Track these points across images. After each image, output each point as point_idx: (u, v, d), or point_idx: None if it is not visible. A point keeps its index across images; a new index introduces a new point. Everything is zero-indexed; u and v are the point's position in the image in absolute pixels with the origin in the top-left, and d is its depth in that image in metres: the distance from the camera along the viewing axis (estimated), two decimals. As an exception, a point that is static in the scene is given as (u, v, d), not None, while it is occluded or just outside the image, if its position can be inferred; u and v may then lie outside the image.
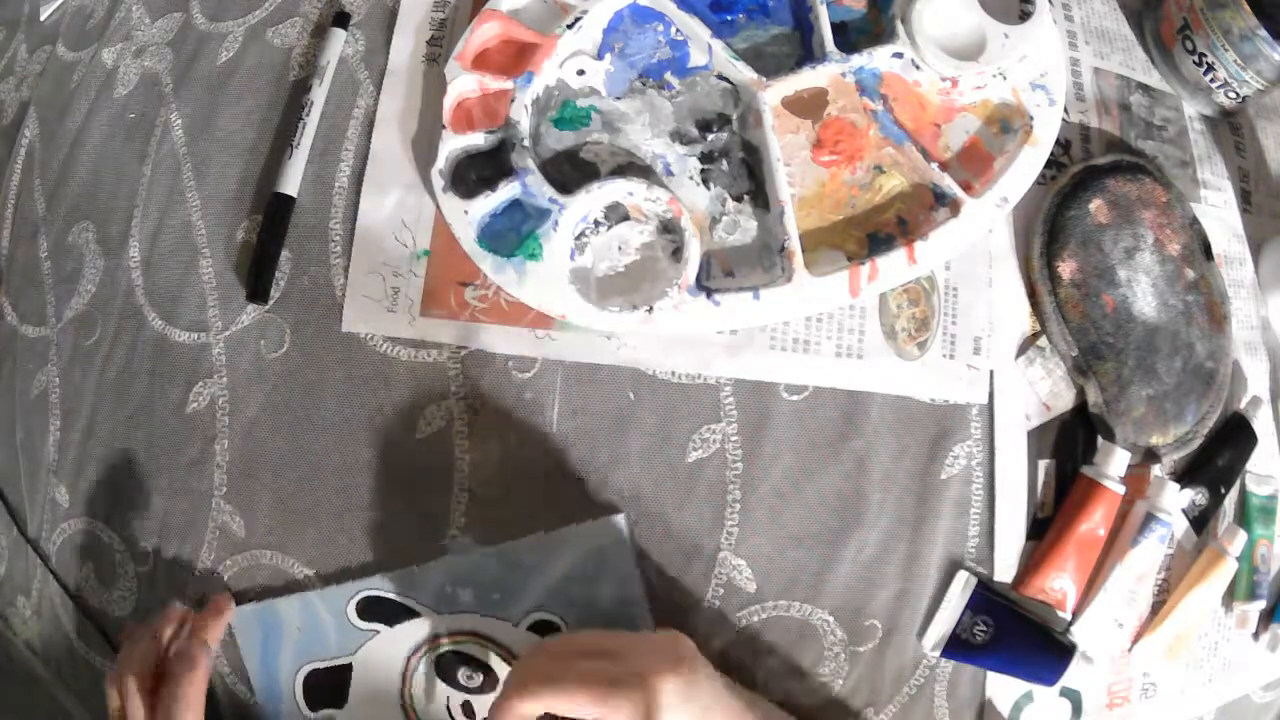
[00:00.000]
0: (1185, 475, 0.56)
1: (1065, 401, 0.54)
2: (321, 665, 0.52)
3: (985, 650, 0.51)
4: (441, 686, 0.52)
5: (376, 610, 0.51)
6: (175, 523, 0.53)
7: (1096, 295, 0.53)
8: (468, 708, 0.52)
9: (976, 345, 0.53)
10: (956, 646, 0.51)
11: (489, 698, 0.50)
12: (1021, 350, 0.54)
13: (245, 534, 0.52)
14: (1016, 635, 0.51)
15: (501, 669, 0.51)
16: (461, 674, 0.51)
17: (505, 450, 0.51)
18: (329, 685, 0.52)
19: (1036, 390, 0.53)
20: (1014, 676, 0.51)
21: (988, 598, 0.51)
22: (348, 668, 0.52)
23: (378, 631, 0.51)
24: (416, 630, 0.51)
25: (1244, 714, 0.58)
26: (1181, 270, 0.55)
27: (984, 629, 0.50)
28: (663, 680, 0.42)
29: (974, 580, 0.51)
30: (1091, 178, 0.54)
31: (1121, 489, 0.51)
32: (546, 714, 0.43)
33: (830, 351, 0.52)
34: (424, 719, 0.52)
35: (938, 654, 0.51)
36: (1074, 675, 0.51)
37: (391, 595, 0.51)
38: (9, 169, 0.62)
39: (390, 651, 0.51)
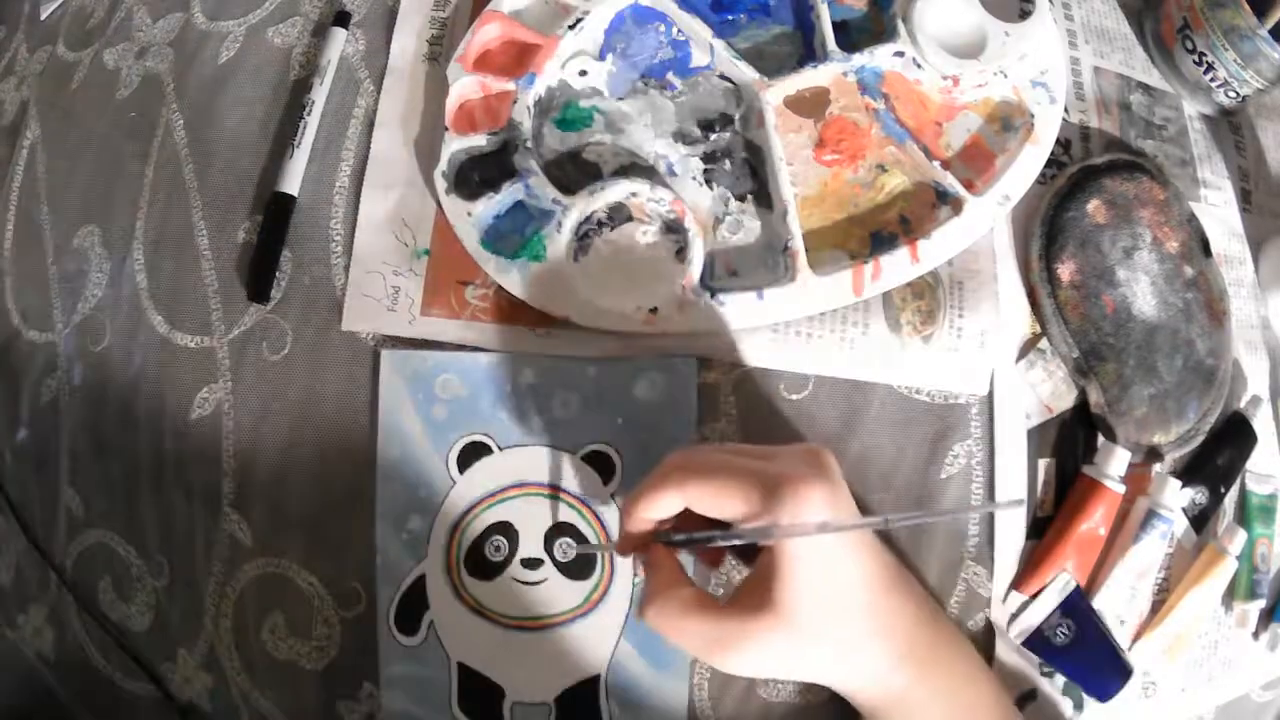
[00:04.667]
0: (1185, 475, 0.56)
1: (1066, 402, 0.54)
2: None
3: (1061, 652, 0.51)
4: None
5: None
6: (187, 532, 0.53)
7: (1096, 296, 0.53)
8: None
9: (983, 340, 0.53)
10: (1037, 640, 0.52)
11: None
12: (1022, 354, 0.54)
13: (251, 542, 0.52)
14: (1092, 647, 0.51)
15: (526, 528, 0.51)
16: (488, 547, 0.51)
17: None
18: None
19: (1038, 393, 0.54)
20: (1076, 682, 0.52)
21: (1080, 605, 0.51)
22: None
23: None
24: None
25: (1244, 713, 0.58)
26: (1180, 268, 0.55)
27: (1065, 632, 0.51)
28: (811, 487, 0.40)
29: (1073, 583, 0.51)
30: (1089, 178, 0.55)
31: (1122, 489, 0.51)
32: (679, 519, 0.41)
33: (834, 342, 0.52)
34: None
35: (1019, 642, 0.52)
36: (1123, 695, 0.52)
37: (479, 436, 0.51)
38: (10, 171, 0.62)
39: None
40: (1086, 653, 0.51)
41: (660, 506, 0.42)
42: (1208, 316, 0.56)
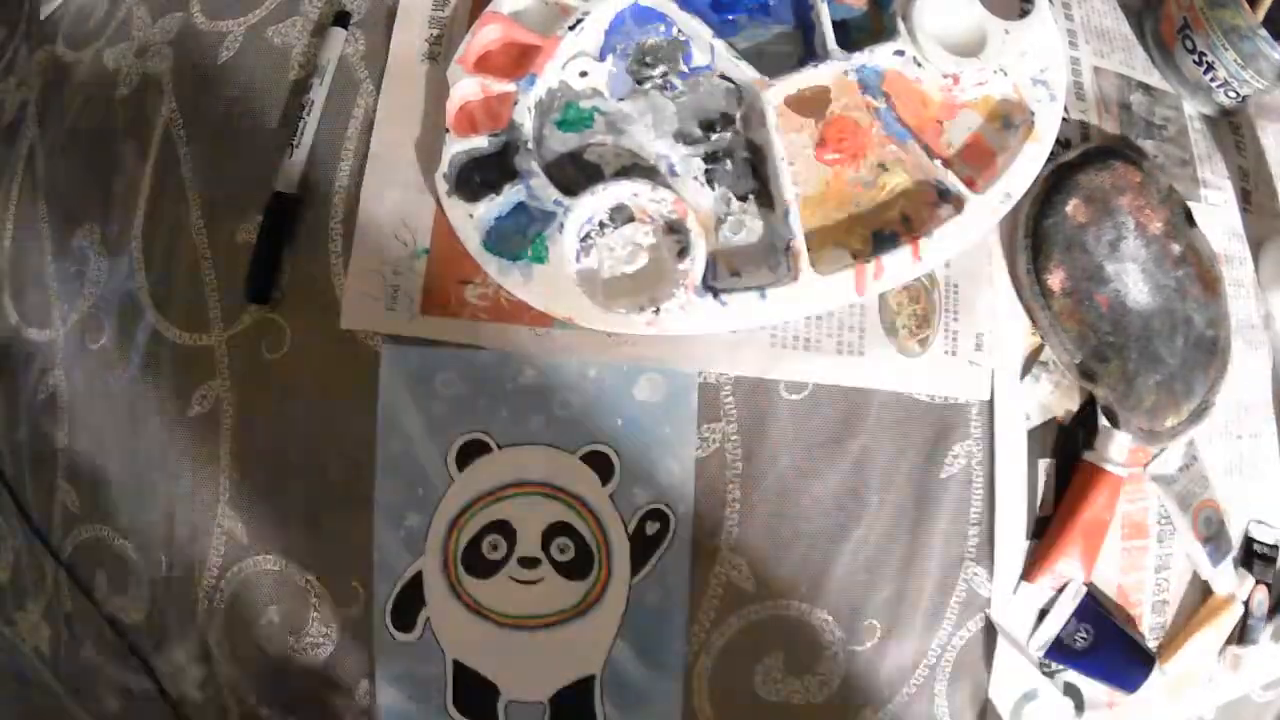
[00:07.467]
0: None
1: (1073, 406, 0.54)
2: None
3: (1083, 655, 0.52)
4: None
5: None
6: (182, 528, 0.53)
7: (1089, 297, 0.53)
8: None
9: (979, 342, 0.53)
10: (1060, 650, 0.52)
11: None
12: (1026, 368, 0.54)
13: (249, 539, 0.52)
14: (1111, 644, 0.52)
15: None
16: (486, 545, 0.51)
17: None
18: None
19: (1048, 406, 0.53)
20: (1102, 681, 0.53)
21: (1092, 608, 0.52)
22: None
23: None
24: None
25: (1244, 713, 0.59)
26: (1167, 246, 0.55)
27: (1085, 636, 0.52)
28: None
29: (1084, 590, 0.52)
30: (1063, 178, 0.54)
31: (1124, 472, 0.52)
32: None
33: (831, 348, 0.52)
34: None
35: (1041, 654, 0.52)
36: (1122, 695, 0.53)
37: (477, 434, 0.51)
38: (10, 170, 0.62)
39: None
40: (1108, 651, 0.52)
41: None
42: (1201, 288, 0.56)
